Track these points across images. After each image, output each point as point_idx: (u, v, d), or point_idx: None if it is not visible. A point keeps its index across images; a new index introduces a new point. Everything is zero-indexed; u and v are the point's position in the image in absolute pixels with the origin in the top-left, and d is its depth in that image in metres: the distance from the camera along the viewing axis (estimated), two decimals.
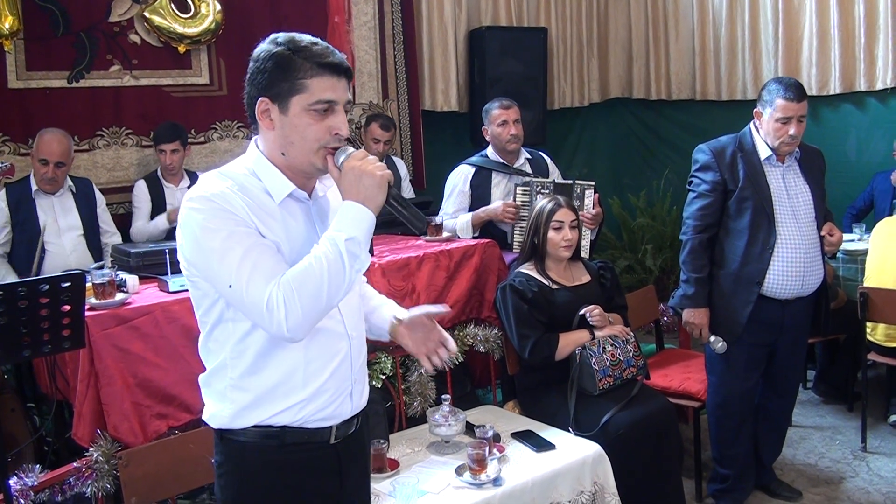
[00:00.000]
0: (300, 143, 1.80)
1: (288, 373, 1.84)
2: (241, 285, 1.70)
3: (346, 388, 1.92)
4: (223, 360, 1.86)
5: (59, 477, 2.71)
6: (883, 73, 5.60)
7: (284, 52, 1.78)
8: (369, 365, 3.28)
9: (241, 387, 1.85)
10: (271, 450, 1.87)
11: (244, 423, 1.86)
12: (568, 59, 7.02)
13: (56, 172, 4.20)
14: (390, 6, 5.98)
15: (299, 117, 1.79)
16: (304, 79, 1.77)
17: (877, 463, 4.04)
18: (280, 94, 1.79)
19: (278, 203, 1.83)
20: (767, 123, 3.36)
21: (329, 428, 1.91)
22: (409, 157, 6.16)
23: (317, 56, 1.78)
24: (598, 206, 4.15)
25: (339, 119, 1.81)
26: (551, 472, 2.90)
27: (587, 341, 3.35)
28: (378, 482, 2.81)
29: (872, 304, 4.06)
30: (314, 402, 1.87)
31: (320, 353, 1.87)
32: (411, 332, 2.15)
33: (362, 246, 1.75)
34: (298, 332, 1.72)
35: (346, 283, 1.73)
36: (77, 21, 4.82)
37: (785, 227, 3.37)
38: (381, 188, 1.77)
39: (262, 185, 1.83)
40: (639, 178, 7.19)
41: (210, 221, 1.73)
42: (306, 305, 1.69)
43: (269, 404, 1.85)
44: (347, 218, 1.75)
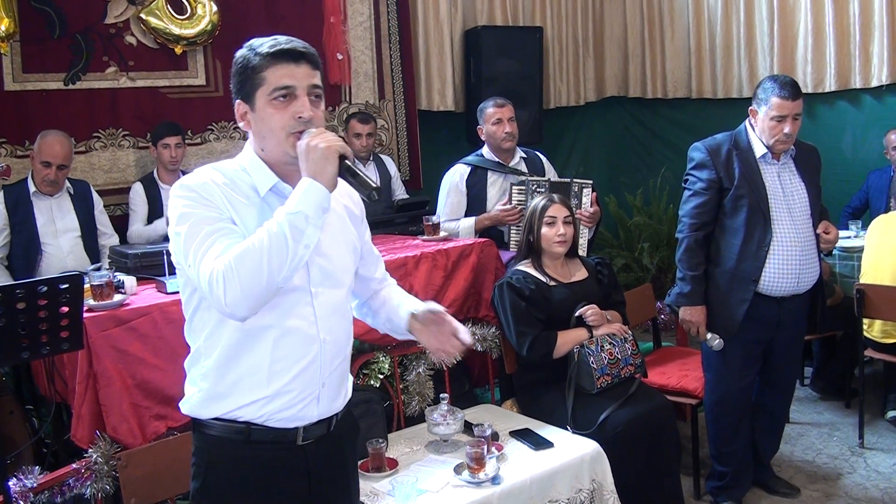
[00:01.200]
0: (270, 134, 1.85)
1: (253, 368, 1.85)
2: (195, 263, 1.74)
3: (313, 391, 1.91)
4: (198, 348, 1.91)
5: (59, 478, 2.71)
6: (878, 70, 5.62)
7: (244, 53, 1.86)
8: (367, 365, 3.30)
9: (209, 376, 1.89)
10: (238, 445, 1.89)
11: (209, 414, 1.90)
12: (564, 58, 7.03)
13: (58, 175, 4.21)
14: (386, 6, 5.98)
15: (264, 110, 1.83)
16: (261, 72, 1.82)
17: (874, 459, 4.05)
18: (247, 93, 1.85)
19: (262, 196, 1.87)
20: (762, 121, 3.37)
21: (295, 429, 1.91)
22: (405, 157, 6.16)
23: (270, 47, 1.83)
24: (595, 205, 4.15)
25: (300, 103, 1.82)
26: (550, 470, 2.90)
27: (585, 339, 3.36)
28: (377, 481, 2.83)
29: (869, 300, 4.07)
30: (276, 400, 1.87)
31: (288, 353, 1.87)
32: (424, 328, 2.14)
33: (309, 220, 1.73)
34: (238, 309, 1.72)
35: (290, 258, 1.72)
36: (73, 23, 4.82)
37: (780, 225, 3.37)
38: (328, 159, 1.76)
39: (251, 181, 1.88)
40: (635, 176, 7.20)
41: (184, 207, 1.79)
42: (245, 282, 1.68)
43: (231, 397, 1.87)
44: (297, 193, 1.75)
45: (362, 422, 3.03)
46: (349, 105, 5.83)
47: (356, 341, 3.27)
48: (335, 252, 1.97)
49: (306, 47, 1.87)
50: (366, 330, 3.19)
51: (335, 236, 1.98)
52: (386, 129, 6.05)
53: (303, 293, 1.88)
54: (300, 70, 1.84)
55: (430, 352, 2.20)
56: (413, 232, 4.64)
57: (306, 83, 1.84)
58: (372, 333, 3.23)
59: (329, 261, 1.94)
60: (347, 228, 2.04)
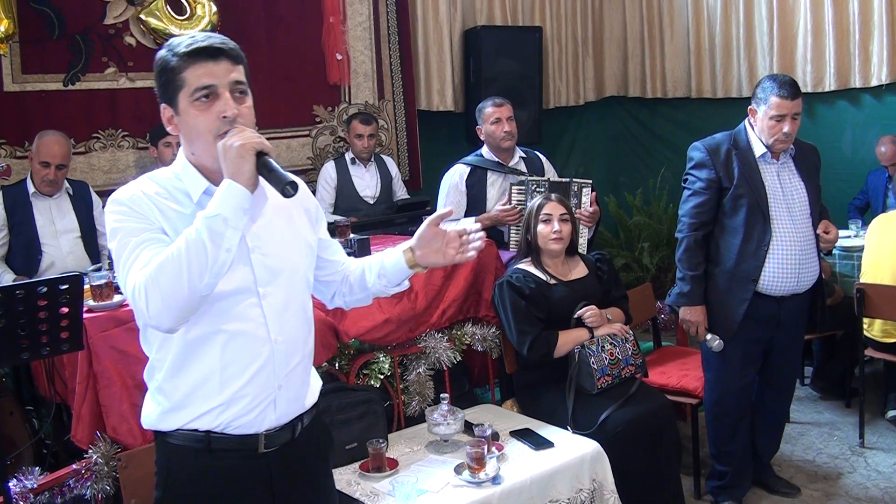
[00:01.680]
0: (197, 138, 1.79)
1: (204, 376, 1.82)
2: (122, 278, 1.72)
3: (268, 394, 1.87)
4: (152, 361, 1.88)
5: (59, 479, 2.71)
6: (878, 69, 5.62)
7: (163, 54, 1.79)
8: (367, 365, 3.30)
9: (164, 389, 1.86)
10: (199, 454, 1.85)
11: (169, 426, 1.86)
12: (563, 58, 7.02)
13: (57, 175, 4.21)
14: (385, 6, 5.98)
15: (187, 113, 1.77)
16: (180, 73, 1.75)
17: (875, 458, 4.05)
18: (170, 96, 1.78)
19: (195, 202, 1.81)
20: (762, 121, 3.37)
21: (256, 436, 1.87)
22: (405, 158, 6.16)
23: (186, 47, 1.76)
24: (595, 205, 4.15)
25: (222, 102, 1.76)
26: (550, 469, 2.90)
27: (586, 339, 3.36)
28: (377, 481, 2.83)
29: (869, 299, 4.07)
30: (232, 407, 1.83)
31: (237, 358, 1.83)
32: (430, 248, 2.07)
33: (228, 223, 1.67)
34: (162, 320, 1.67)
35: (211, 263, 1.66)
36: (72, 23, 4.81)
37: (780, 225, 3.37)
38: (244, 157, 1.69)
39: (184, 187, 1.83)
40: (635, 176, 7.20)
41: (115, 222, 1.76)
42: (166, 292, 1.64)
43: (188, 408, 1.83)
44: (216, 196, 1.70)
45: (363, 422, 3.04)
46: (349, 105, 5.83)
47: (356, 341, 3.28)
48: (283, 251, 1.91)
49: (224, 42, 1.80)
50: (366, 330, 3.24)
51: (283, 234, 1.93)
52: (385, 130, 6.04)
53: (249, 294, 1.84)
54: (219, 67, 1.76)
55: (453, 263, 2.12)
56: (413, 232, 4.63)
57: (227, 80, 1.77)
58: (372, 333, 3.27)
59: (277, 259, 1.89)
60: (298, 226, 1.98)
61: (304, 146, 5.68)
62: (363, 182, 5.37)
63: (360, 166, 5.39)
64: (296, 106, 5.63)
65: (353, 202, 5.32)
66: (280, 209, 1.93)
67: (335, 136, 5.75)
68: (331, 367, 3.19)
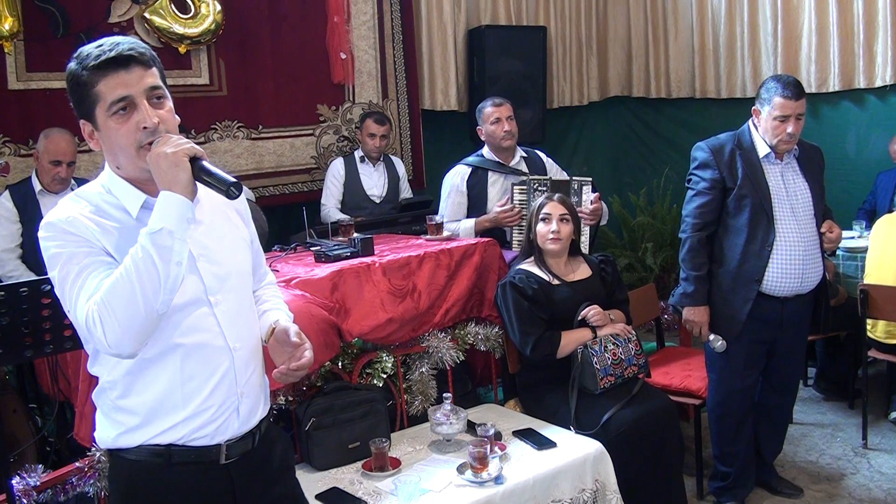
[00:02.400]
0: (120, 152, 1.72)
1: (165, 392, 1.77)
2: (71, 308, 1.66)
3: (231, 403, 1.84)
4: (104, 381, 1.82)
5: (62, 477, 2.71)
6: (882, 70, 5.61)
7: (73, 68, 1.71)
8: (370, 364, 3.29)
9: (122, 408, 1.80)
10: (159, 468, 1.80)
11: (128, 444, 1.81)
12: (567, 58, 7.03)
13: (68, 172, 4.25)
14: (389, 6, 5.98)
15: (107, 127, 1.70)
16: (93, 87, 1.68)
17: (878, 460, 4.04)
18: (87, 111, 1.72)
19: (135, 217, 1.74)
20: (766, 121, 3.36)
21: (217, 446, 1.84)
22: (408, 157, 6.16)
23: (94, 58, 1.68)
24: (597, 202, 4.14)
25: (140, 113, 1.69)
26: (553, 469, 2.90)
27: (589, 340, 3.35)
28: (380, 481, 2.83)
29: (873, 300, 4.06)
30: (195, 420, 1.80)
31: (198, 371, 1.79)
32: (279, 346, 1.96)
33: (174, 235, 1.62)
34: (123, 347, 1.62)
35: (164, 280, 1.61)
36: (77, 22, 4.82)
37: (784, 225, 3.37)
38: (178, 165, 1.64)
39: (118, 202, 1.75)
40: (638, 176, 7.20)
41: (54, 248, 1.67)
42: (122, 317, 1.58)
43: (149, 425, 1.78)
44: (156, 210, 1.64)
45: (365, 421, 3.05)
46: (352, 104, 5.83)
47: (359, 340, 3.28)
48: (228, 255, 1.88)
49: (133, 48, 1.71)
50: (369, 329, 3.24)
51: (224, 238, 1.89)
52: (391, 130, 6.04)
53: (200, 304, 1.80)
54: (132, 75, 1.69)
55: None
56: (416, 231, 4.65)
57: (142, 88, 1.70)
58: (376, 332, 3.27)
59: (222, 266, 1.85)
60: (236, 226, 1.95)
61: (308, 145, 5.68)
62: (371, 181, 5.38)
63: (369, 165, 5.40)
64: (300, 105, 5.63)
65: (360, 200, 5.33)
66: (217, 210, 1.89)
67: (339, 136, 5.76)
68: (334, 366, 3.18)
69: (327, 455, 2.97)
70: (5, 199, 4.24)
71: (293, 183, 5.62)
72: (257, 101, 5.44)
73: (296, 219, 4.71)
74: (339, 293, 3.19)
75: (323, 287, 3.15)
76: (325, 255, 3.42)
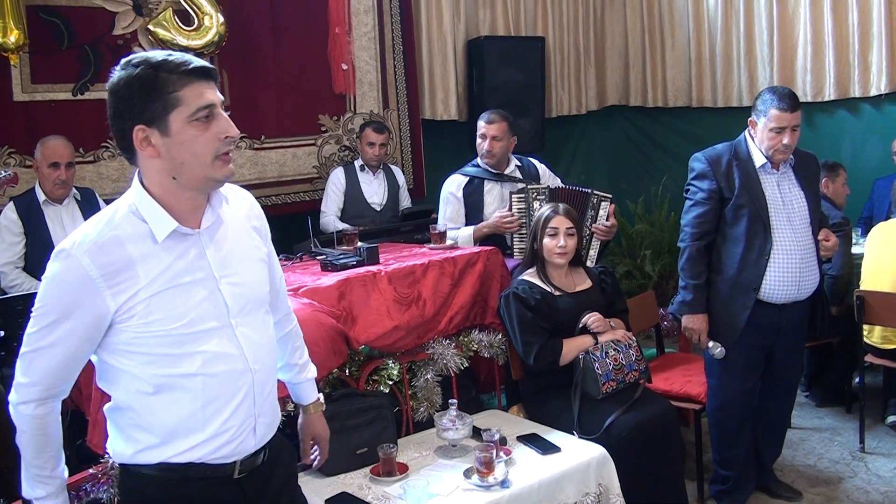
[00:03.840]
0: (192, 160, 1.71)
1: (186, 415, 1.79)
2: (19, 357, 1.79)
3: (249, 423, 1.87)
4: (121, 401, 1.82)
5: (76, 483, 2.74)
6: (877, 79, 5.69)
7: (145, 71, 1.67)
8: (376, 371, 3.34)
9: (141, 427, 1.81)
10: (173, 483, 1.83)
11: (146, 461, 1.82)
12: (565, 68, 7.11)
13: (68, 174, 4.29)
14: (390, 17, 6.05)
15: (183, 132, 1.69)
16: (175, 92, 1.67)
17: (875, 463, 4.10)
18: (155, 116, 1.68)
19: (160, 242, 1.73)
20: (762, 132, 3.42)
21: (233, 463, 1.87)
22: (409, 166, 6.22)
23: (180, 65, 1.69)
24: (612, 218, 4.20)
25: (223, 122, 1.73)
26: (557, 473, 2.95)
27: (590, 346, 3.41)
28: (388, 485, 2.87)
29: (869, 307, 4.12)
30: (215, 440, 1.82)
31: (220, 393, 1.81)
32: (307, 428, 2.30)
33: None
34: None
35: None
36: (81, 34, 4.88)
37: (780, 234, 3.43)
38: None
39: (144, 228, 1.74)
40: (636, 184, 7.25)
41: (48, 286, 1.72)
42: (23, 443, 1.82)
43: (167, 445, 1.80)
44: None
45: (373, 427, 3.10)
46: (353, 115, 5.89)
47: (366, 348, 3.33)
48: (248, 276, 1.89)
49: (208, 63, 1.76)
50: (376, 336, 3.30)
51: (245, 259, 1.90)
52: (390, 139, 6.10)
53: (224, 329, 1.81)
54: (211, 87, 1.73)
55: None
56: (418, 240, 4.70)
57: (219, 100, 1.74)
58: (382, 340, 3.32)
59: (244, 287, 1.86)
60: (256, 246, 1.96)
61: (310, 155, 5.74)
62: (371, 189, 5.44)
63: (369, 173, 5.45)
64: (301, 115, 5.69)
65: (361, 208, 5.39)
66: (238, 229, 1.91)
67: (340, 146, 5.82)
68: (341, 373, 3.23)
69: (335, 461, 2.98)
70: (10, 210, 4.26)
71: (295, 192, 5.68)
72: (260, 111, 5.49)
73: (297, 228, 4.76)
74: (346, 301, 3.24)
75: (330, 295, 3.21)
76: (332, 264, 3.48)
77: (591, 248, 4.18)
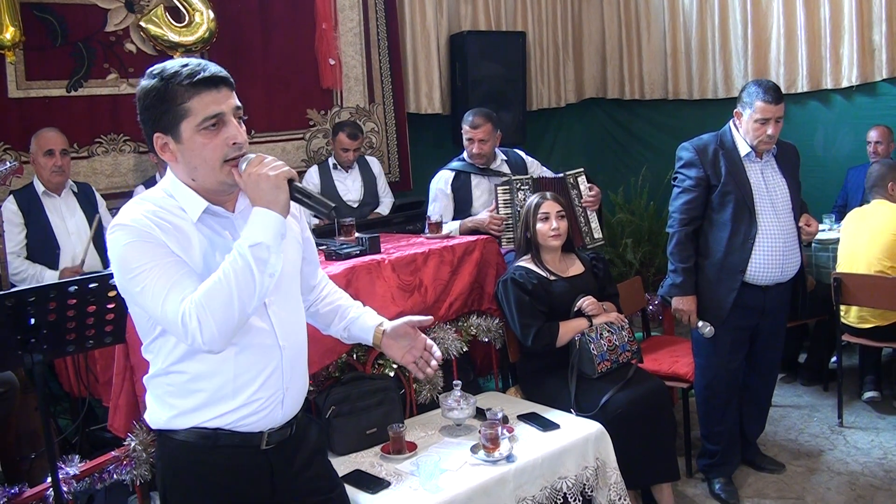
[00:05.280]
0: (203, 164, 1.83)
1: (218, 384, 1.90)
2: (159, 305, 1.76)
3: (277, 397, 1.98)
4: (160, 369, 1.93)
5: (99, 466, 2.85)
6: (848, 71, 5.89)
7: (159, 83, 1.80)
8: (382, 356, 3.47)
9: (176, 394, 1.93)
10: (205, 450, 1.93)
11: (180, 426, 1.94)
12: (545, 62, 7.26)
13: (63, 161, 4.37)
14: (375, 13, 6.17)
15: (193, 140, 1.80)
16: (184, 103, 1.78)
17: (853, 436, 4.29)
18: (168, 125, 1.81)
19: (195, 221, 1.87)
20: (747, 123, 3.58)
21: (260, 433, 1.97)
22: (395, 159, 6.35)
23: (188, 77, 1.79)
24: (594, 188, 4.37)
25: (231, 129, 1.83)
26: (558, 449, 3.09)
27: (585, 328, 3.56)
28: (399, 462, 3.00)
29: (846, 288, 4.31)
30: (245, 409, 1.93)
31: (250, 366, 1.92)
32: (396, 342, 2.26)
33: (270, 249, 1.76)
34: (215, 345, 1.76)
35: (258, 289, 1.76)
36: (74, 31, 4.95)
37: (765, 219, 3.59)
38: (279, 188, 1.79)
39: (178, 205, 1.87)
40: (614, 175, 7.41)
41: (129, 248, 1.78)
42: (219, 318, 1.73)
43: (199, 411, 1.92)
44: (254, 225, 1.78)
45: (381, 408, 3.23)
46: (340, 109, 6.01)
47: None
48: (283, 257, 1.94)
49: (220, 70, 1.85)
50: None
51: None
52: (376, 132, 6.22)
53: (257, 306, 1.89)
54: (222, 94, 1.82)
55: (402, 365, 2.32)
56: (410, 231, 4.83)
57: (231, 107, 1.83)
58: None
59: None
60: (290, 227, 2.03)
61: (299, 149, 5.85)
62: (345, 186, 5.50)
63: (342, 171, 5.50)
64: (290, 109, 5.80)
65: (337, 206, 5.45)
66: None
67: (328, 139, 5.92)
68: (349, 357, 3.36)
69: (347, 441, 3.14)
70: (10, 202, 4.33)
71: None
72: (249, 106, 5.43)
73: None
74: (353, 288, 3.35)
75: (338, 283, 3.22)
76: (336, 254, 3.60)
77: (592, 222, 4.33)
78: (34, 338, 2.54)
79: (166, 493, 2.02)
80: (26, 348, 2.55)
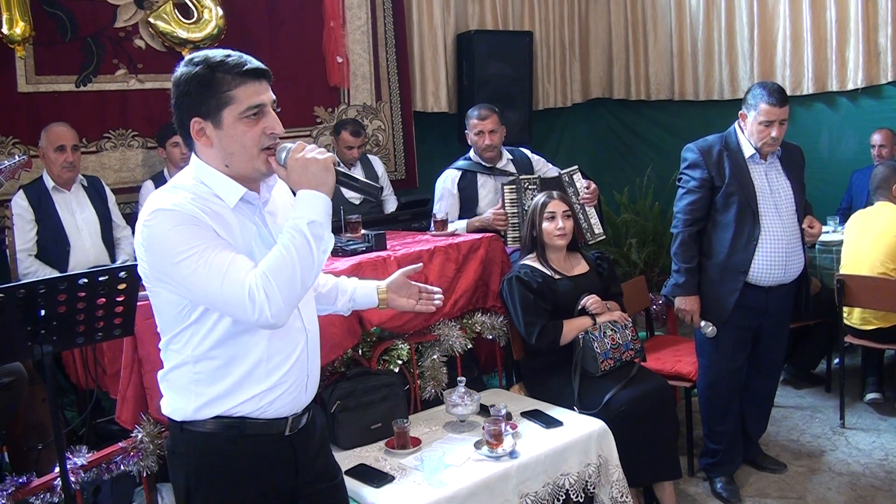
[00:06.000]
0: (240, 151, 1.88)
1: (253, 365, 1.94)
2: (218, 284, 1.78)
3: (302, 380, 2.04)
4: (186, 358, 1.94)
5: (107, 456, 2.88)
6: (854, 73, 5.90)
7: (204, 70, 1.85)
8: (387, 351, 3.51)
9: (205, 381, 1.94)
10: (231, 440, 1.96)
11: (206, 415, 1.96)
12: (551, 62, 7.28)
13: (74, 156, 4.39)
14: (382, 11, 6.20)
15: (234, 127, 1.86)
16: (229, 91, 1.85)
17: (855, 437, 4.31)
18: (210, 110, 1.86)
19: (232, 207, 1.92)
20: (751, 125, 3.60)
21: (285, 419, 2.02)
22: (401, 157, 6.37)
23: (235, 67, 1.85)
24: (591, 183, 4.39)
25: (270, 119, 1.90)
26: (561, 446, 3.12)
27: (589, 327, 3.59)
28: (403, 457, 3.03)
29: (849, 289, 4.33)
30: (274, 392, 1.97)
31: (282, 348, 1.98)
32: (398, 294, 2.41)
33: (324, 227, 1.84)
34: (281, 318, 1.80)
35: (316, 264, 1.84)
36: (84, 27, 4.99)
37: (768, 220, 3.61)
38: (329, 170, 1.86)
39: (212, 192, 1.91)
40: (619, 175, 7.43)
41: (176, 231, 1.79)
42: (285, 291, 1.78)
43: (232, 396, 1.95)
44: (306, 205, 1.84)
45: (385, 403, 3.26)
46: (347, 107, 6.04)
47: (377, 329, 3.49)
48: None
49: (262, 65, 1.92)
50: (387, 318, 3.44)
51: None
52: (382, 130, 6.25)
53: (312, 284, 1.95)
54: (263, 87, 1.90)
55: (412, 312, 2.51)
56: (416, 228, 4.85)
57: (270, 99, 1.91)
58: (393, 321, 3.47)
59: None
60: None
61: None
62: None
63: (345, 168, 5.50)
64: (297, 107, 5.82)
65: (338, 203, 5.44)
66: (286, 204, 2.08)
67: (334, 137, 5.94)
68: (355, 353, 3.39)
69: (352, 435, 3.17)
70: (20, 197, 4.33)
71: None
72: None
73: None
74: None
75: None
76: (343, 250, 3.63)
77: (591, 218, 4.35)
78: (44, 329, 2.58)
79: (190, 485, 2.02)
80: (36, 339, 2.58)
